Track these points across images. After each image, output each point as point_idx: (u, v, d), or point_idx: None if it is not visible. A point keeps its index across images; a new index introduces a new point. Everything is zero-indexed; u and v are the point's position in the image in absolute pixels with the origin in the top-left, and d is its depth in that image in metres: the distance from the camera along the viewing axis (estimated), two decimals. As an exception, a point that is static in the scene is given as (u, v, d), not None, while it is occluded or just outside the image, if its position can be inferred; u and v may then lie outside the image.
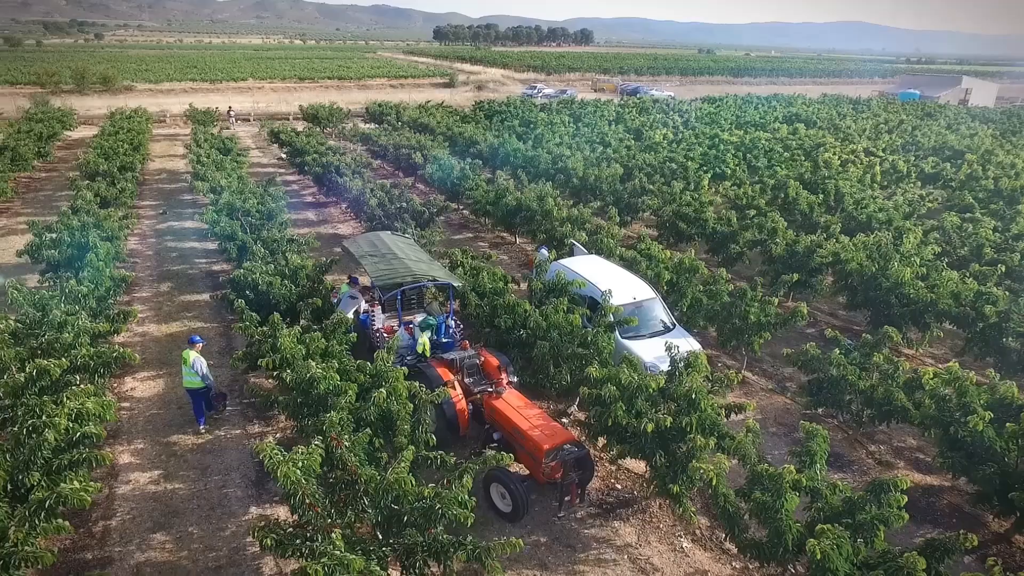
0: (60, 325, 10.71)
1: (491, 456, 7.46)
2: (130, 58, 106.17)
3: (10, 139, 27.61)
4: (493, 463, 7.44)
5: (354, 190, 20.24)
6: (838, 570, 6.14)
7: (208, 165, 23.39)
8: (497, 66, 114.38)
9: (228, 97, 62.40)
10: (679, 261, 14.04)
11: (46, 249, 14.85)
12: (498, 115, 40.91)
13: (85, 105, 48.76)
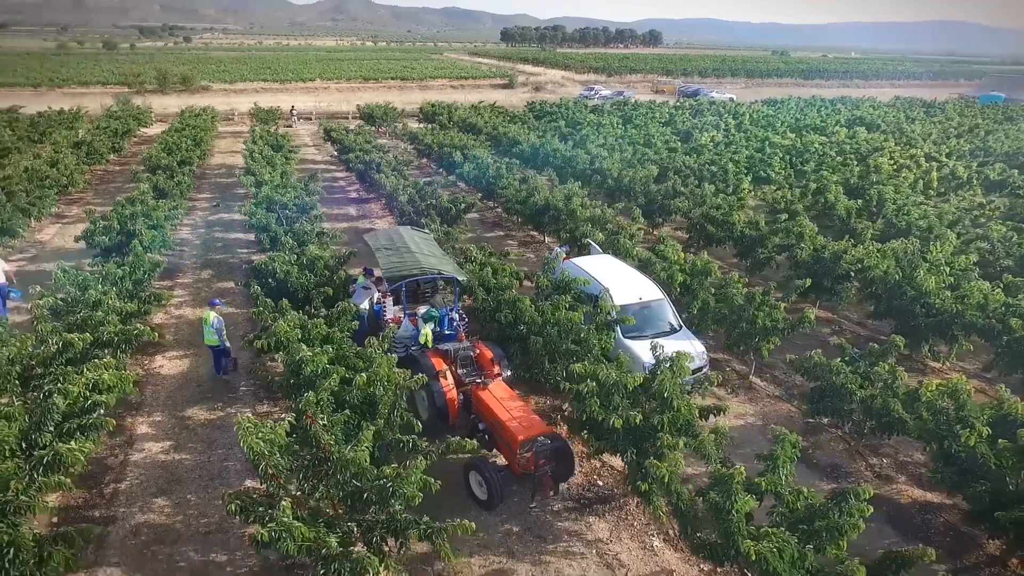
0: (95, 304, 11.66)
1: (455, 442, 7.73)
2: (211, 60, 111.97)
3: (88, 134, 29.79)
4: (462, 450, 7.70)
5: (388, 186, 20.87)
6: (780, 574, 6.07)
7: (259, 161, 24.59)
8: (559, 68, 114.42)
9: (295, 96, 65.10)
10: (692, 263, 13.88)
11: (98, 235, 16.08)
12: (548, 116, 41.10)
13: (164, 104, 51.89)
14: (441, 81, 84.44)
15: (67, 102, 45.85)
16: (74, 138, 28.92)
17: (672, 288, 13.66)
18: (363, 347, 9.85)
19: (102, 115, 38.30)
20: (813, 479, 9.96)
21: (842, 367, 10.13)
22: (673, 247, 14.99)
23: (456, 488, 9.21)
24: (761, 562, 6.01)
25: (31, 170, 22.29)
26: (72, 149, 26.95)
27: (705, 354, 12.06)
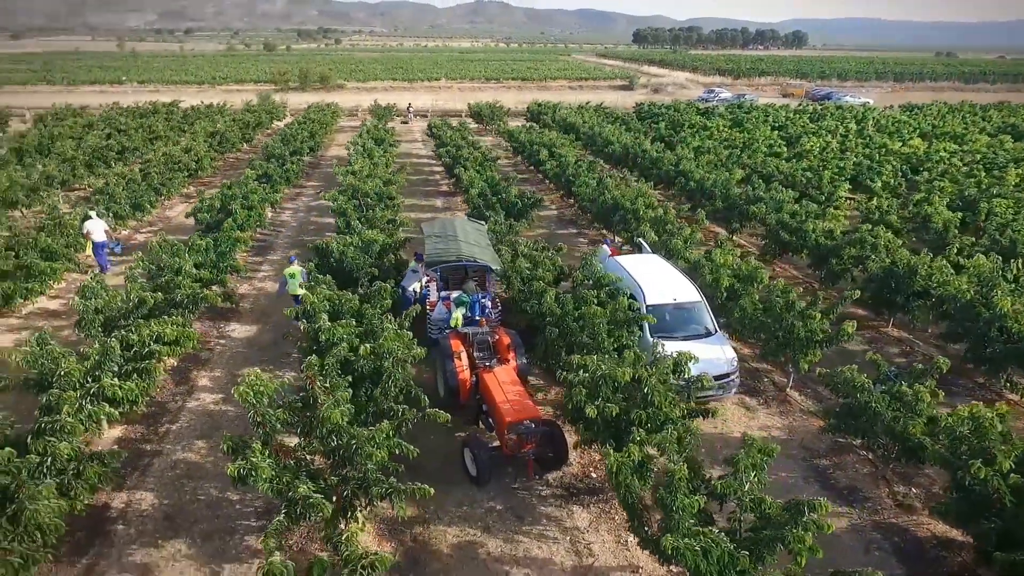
0: (177, 270, 13.35)
1: (431, 412, 8.22)
2: (352, 60, 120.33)
3: (222, 126, 33.36)
4: (436, 419, 8.18)
5: (464, 179, 21.71)
6: (704, 573, 5.97)
7: (358, 152, 26.41)
8: (685, 69, 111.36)
9: (419, 95, 68.62)
10: (739, 267, 13.39)
11: (202, 213, 18.20)
12: (653, 117, 40.44)
13: (303, 100, 56.61)
14: (560, 82, 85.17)
15: (220, 97, 51.40)
16: (211, 128, 32.47)
17: (718, 292, 13.27)
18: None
19: (241, 109, 42.54)
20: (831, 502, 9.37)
21: (867, 384, 9.45)
22: (727, 251, 14.50)
23: (458, 463, 9.72)
24: (678, 558, 5.95)
25: (167, 155, 25.44)
26: (207, 138, 30.33)
27: (735, 361, 11.64)
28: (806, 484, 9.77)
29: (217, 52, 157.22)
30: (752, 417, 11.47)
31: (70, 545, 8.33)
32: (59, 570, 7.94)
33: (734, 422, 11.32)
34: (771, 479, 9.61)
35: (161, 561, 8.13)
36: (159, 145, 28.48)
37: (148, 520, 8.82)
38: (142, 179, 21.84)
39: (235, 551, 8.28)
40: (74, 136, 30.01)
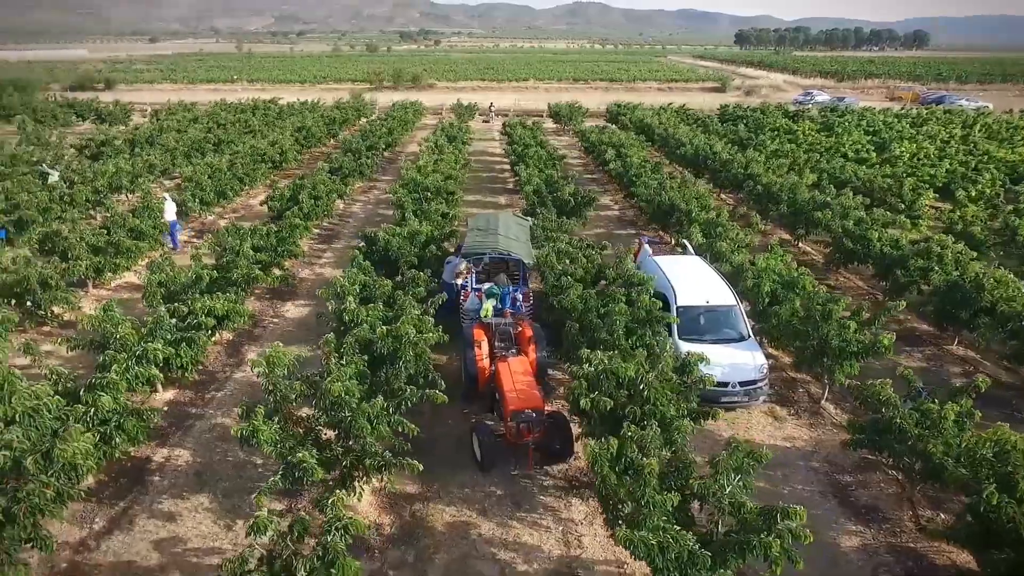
0: (237, 252, 14.42)
1: (430, 393, 8.55)
2: (446, 60, 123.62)
3: (310, 122, 35.34)
4: (433, 400, 8.52)
5: (522, 176, 21.98)
6: (660, 567, 5.94)
7: (428, 149, 27.28)
8: (785, 71, 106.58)
9: (505, 95, 69.57)
10: (781, 273, 12.89)
11: (273, 202, 19.48)
12: (737, 120, 39.17)
13: (393, 98, 58.85)
14: (649, 84, 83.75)
15: (318, 95, 54.26)
16: (298, 124, 34.49)
17: (760, 298, 12.83)
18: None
19: (331, 106, 44.80)
20: (838, 516, 8.97)
21: (893, 399, 8.90)
22: (773, 256, 13.98)
23: (469, 447, 10.03)
24: (632, 551, 5.94)
25: (254, 148, 27.30)
26: (293, 133, 32.24)
27: (765, 368, 11.25)
28: (822, 499, 9.34)
29: (323, 53, 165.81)
30: (779, 427, 11.05)
31: (113, 490, 9.32)
32: (99, 510, 8.89)
33: (758, 430, 10.95)
34: (786, 491, 9.41)
35: (185, 511, 8.91)
36: (247, 138, 30.51)
37: (180, 475, 9.67)
38: (227, 169, 23.53)
39: (249, 509, 8.89)
40: (179, 129, 32.74)
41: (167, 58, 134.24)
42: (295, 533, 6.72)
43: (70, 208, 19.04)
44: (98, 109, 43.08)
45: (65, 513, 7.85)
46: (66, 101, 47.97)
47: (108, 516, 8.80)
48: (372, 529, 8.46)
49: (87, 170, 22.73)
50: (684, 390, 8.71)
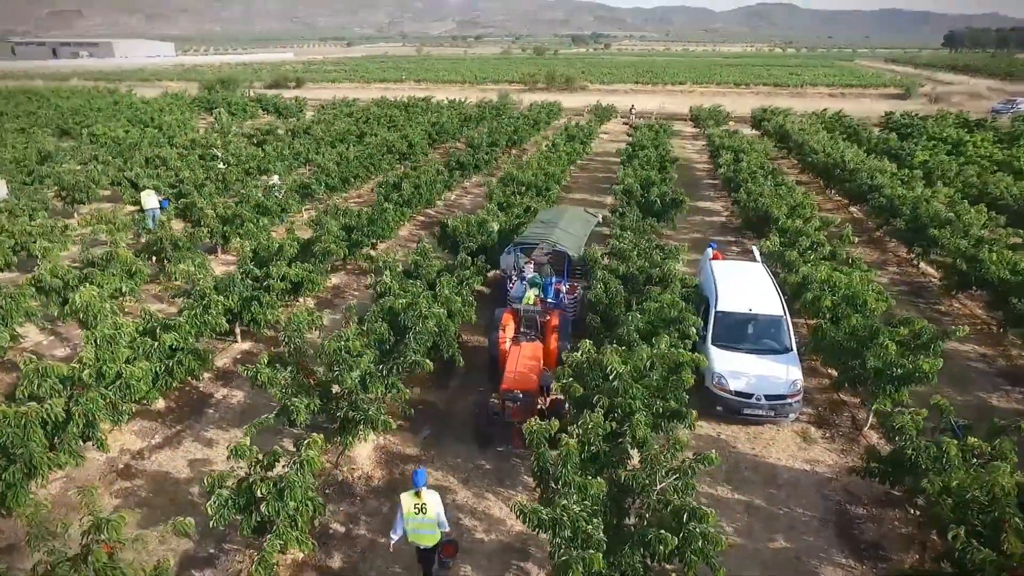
0: (325, 229, 16.11)
1: (421, 361, 9.20)
2: (611, 63, 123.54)
3: (443, 118, 37.54)
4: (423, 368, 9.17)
5: (619, 176, 21.87)
6: (554, 548, 6.08)
7: (544, 149, 27.95)
8: (995, 77, 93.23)
9: (657, 98, 68.38)
10: (841, 287, 11.85)
11: (380, 188, 21.28)
12: (899, 128, 35.46)
13: (540, 99, 60.36)
14: (819, 89, 77.58)
15: (475, 95, 57.15)
16: (433, 120, 36.81)
17: (819, 312, 11.92)
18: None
19: (473, 105, 47.04)
20: (830, 547, 8.28)
21: (911, 431, 8.01)
22: (852, 271, 12.85)
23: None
24: (525, 522, 6.12)
25: (385, 140, 29.72)
26: (427, 128, 34.52)
27: (798, 384, 10.51)
28: (820, 526, 8.65)
29: (492, 55, 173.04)
30: (804, 448, 10.29)
31: (175, 415, 11.07)
32: (159, 429, 10.63)
33: (780, 448, 10.29)
34: (781, 511, 8.93)
35: (222, 440, 10.37)
36: (383, 131, 33.15)
37: (229, 411, 11.22)
38: (354, 158, 25.92)
39: (276, 444, 10.18)
40: (330, 121, 36.42)
41: (354, 60, 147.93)
42: (265, 462, 7.73)
43: (220, 185, 22.24)
44: (277, 104, 48.96)
45: (124, 422, 9.58)
46: (255, 96, 55.00)
47: (164, 435, 10.51)
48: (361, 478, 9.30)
49: (242, 154, 26.25)
50: (667, 389, 8.50)
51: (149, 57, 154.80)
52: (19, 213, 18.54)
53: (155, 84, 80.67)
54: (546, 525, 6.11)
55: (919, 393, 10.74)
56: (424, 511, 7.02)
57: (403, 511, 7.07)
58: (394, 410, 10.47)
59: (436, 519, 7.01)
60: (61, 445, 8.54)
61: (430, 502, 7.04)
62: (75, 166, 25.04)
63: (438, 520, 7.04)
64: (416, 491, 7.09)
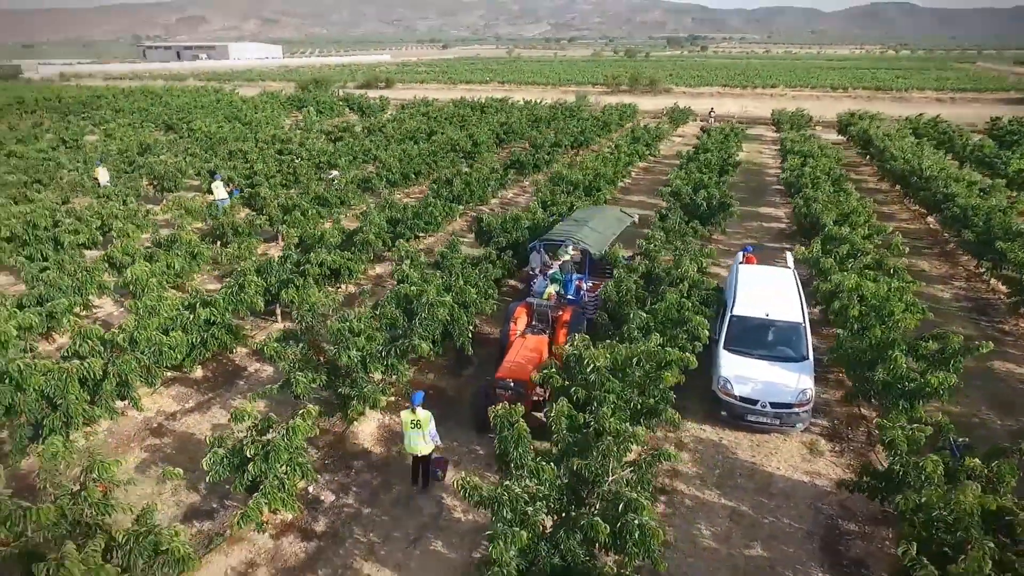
0: (368, 221, 16.92)
1: (417, 344, 9.60)
2: (703, 65, 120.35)
3: (512, 118, 38.07)
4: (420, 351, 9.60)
5: (670, 178, 21.53)
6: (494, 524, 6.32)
7: (602, 151, 27.89)
8: None
9: (744, 100, 66.21)
10: (869, 297, 11.28)
11: (433, 185, 21.99)
12: (1006, 135, 32.84)
13: (621, 100, 59.86)
14: (927, 93, 72.28)
15: (552, 96, 57.46)
16: (500, 120, 37.41)
17: (848, 322, 11.43)
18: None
19: (547, 106, 47.29)
20: (809, 559, 8.02)
21: (903, 447, 7.63)
22: (892, 280, 12.22)
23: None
24: (463, 493, 6.39)
25: (449, 138, 30.58)
26: (495, 128, 35.15)
27: (806, 394, 10.14)
28: (805, 539, 8.38)
29: (582, 58, 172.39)
30: (809, 460, 9.92)
31: (211, 383, 12.07)
32: (194, 395, 11.64)
33: (781, 458, 9.98)
34: (767, 520, 8.76)
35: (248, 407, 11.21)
36: (452, 130, 34.04)
37: (259, 383, 12.03)
38: (417, 155, 26.86)
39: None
40: (402, 120, 37.79)
41: (446, 62, 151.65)
42: (259, 426, 8.40)
43: (290, 178, 23.69)
44: (360, 103, 51.19)
45: (156, 385, 10.61)
46: (343, 96, 57.68)
47: (197, 400, 11.50)
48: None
49: (314, 149, 27.81)
50: (646, 385, 8.50)
51: (259, 59, 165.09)
52: (113, 198, 20.61)
53: (258, 84, 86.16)
54: (486, 503, 6.35)
55: (956, 414, 10.21)
56: (418, 426, 8.61)
57: (402, 425, 8.68)
58: (400, 391, 11.03)
59: (428, 433, 8.59)
60: (99, 400, 9.61)
61: (423, 419, 8.60)
62: (171, 157, 27.37)
63: (430, 434, 8.62)
64: (412, 408, 8.65)
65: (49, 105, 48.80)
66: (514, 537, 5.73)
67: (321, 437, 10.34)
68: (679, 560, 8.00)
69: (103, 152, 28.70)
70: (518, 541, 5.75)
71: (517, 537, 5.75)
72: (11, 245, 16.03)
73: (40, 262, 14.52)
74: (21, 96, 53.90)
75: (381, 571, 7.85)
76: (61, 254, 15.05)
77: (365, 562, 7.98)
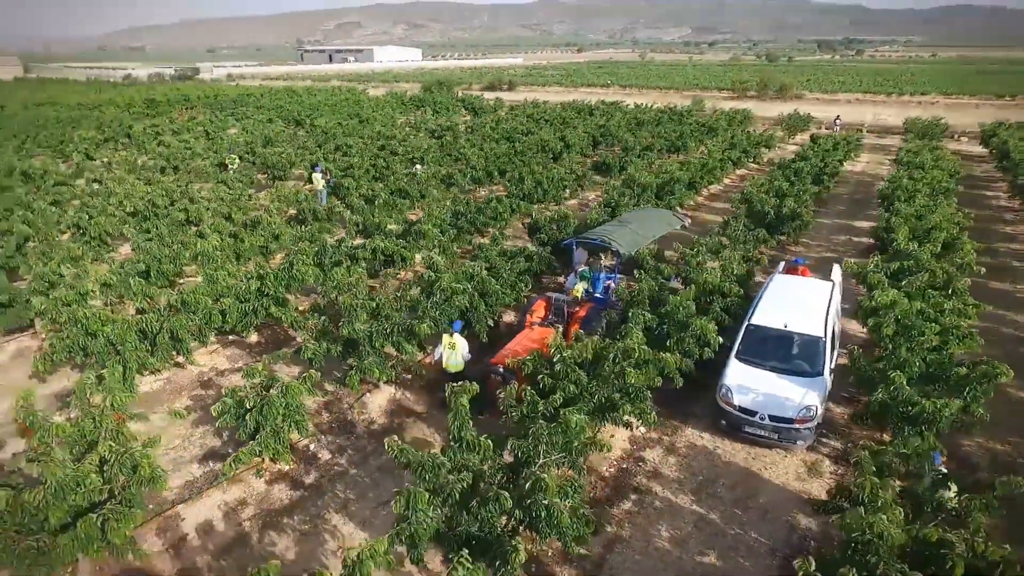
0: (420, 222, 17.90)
1: (417, 325, 10.28)
2: (852, 71, 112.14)
3: (612, 121, 37.89)
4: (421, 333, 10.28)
5: (748, 185, 20.68)
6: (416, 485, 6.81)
7: (693, 156, 27.22)
8: None
9: (887, 108, 61.21)
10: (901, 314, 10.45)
11: (510, 185, 22.67)
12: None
13: (744, 106, 57.48)
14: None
15: (676, 100, 56.43)
16: (600, 123, 37.41)
17: (883, 340, 10.70)
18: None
19: (655, 110, 46.48)
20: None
21: (867, 466, 7.19)
22: (893, 293, 11.29)
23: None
24: (395, 454, 6.91)
25: (540, 139, 31.16)
26: (592, 131, 35.28)
27: (811, 411, 9.64)
28: (766, 554, 8.10)
29: (718, 62, 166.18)
30: (803, 479, 9.45)
31: (262, 346, 13.46)
32: (243, 356, 13.08)
33: (775, 473, 9.59)
34: (732, 531, 8.57)
35: (283, 371, 12.48)
36: (547, 131, 34.54)
37: (300, 351, 13.35)
38: (502, 154, 27.68)
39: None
40: (499, 121, 38.94)
41: (574, 65, 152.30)
42: (264, 384, 9.45)
43: (386, 172, 25.38)
44: (474, 104, 53.10)
45: (206, 344, 12.12)
46: (461, 97, 60.04)
47: (245, 361, 12.88)
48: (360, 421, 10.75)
49: (411, 145, 29.52)
50: (611, 379, 8.58)
51: (399, 61, 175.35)
52: (230, 184, 23.25)
53: (391, 84, 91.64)
54: (412, 466, 6.86)
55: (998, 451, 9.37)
56: (454, 348, 10.45)
57: (442, 345, 10.47)
58: (408, 369, 11.81)
59: (461, 355, 10.42)
60: (155, 351, 11.19)
61: (459, 344, 10.45)
62: (285, 149, 30.20)
63: (463, 354, 10.44)
64: (451, 334, 10.50)
65: (207, 102, 55.11)
66: (415, 496, 6.20)
67: (337, 403, 11.35)
68: (626, 555, 8.05)
69: (232, 143, 32.21)
70: (420, 500, 6.20)
71: (419, 496, 6.21)
72: (134, 219, 18.68)
73: (147, 234, 16.81)
74: (187, 94, 61.33)
75: (346, 524, 8.59)
76: (165, 228, 17.31)
77: (335, 515, 8.76)
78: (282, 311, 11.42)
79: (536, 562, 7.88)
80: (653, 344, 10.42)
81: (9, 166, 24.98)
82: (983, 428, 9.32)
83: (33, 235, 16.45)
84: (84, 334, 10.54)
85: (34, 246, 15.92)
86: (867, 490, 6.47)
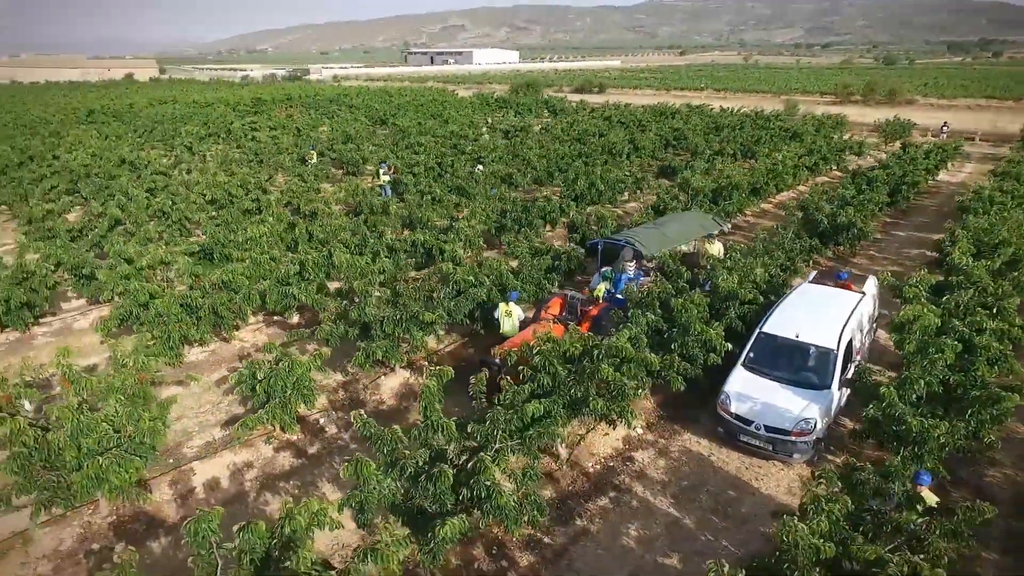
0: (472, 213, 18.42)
1: (424, 315, 10.76)
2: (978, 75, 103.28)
3: (686, 125, 37.08)
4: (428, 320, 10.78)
5: (810, 193, 19.76)
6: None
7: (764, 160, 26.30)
8: None
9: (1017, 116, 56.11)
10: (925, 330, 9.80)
11: (564, 184, 22.86)
12: None
13: (837, 111, 54.54)
14: None
15: (765, 104, 54.46)
16: (677, 125, 36.67)
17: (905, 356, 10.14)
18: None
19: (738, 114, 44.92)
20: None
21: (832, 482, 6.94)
22: (917, 308, 10.53)
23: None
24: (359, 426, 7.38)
25: (607, 141, 31.04)
26: (664, 134, 34.70)
27: (811, 424, 9.30)
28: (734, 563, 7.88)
29: (828, 65, 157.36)
30: (795, 494, 9.10)
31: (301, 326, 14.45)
32: (282, 335, 14.08)
33: (767, 484, 9.35)
34: (703, 538, 8.57)
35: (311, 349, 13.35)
36: (621, 132, 34.28)
37: (334, 334, 14.22)
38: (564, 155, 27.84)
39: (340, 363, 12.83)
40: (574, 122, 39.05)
41: (672, 68, 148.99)
42: (277, 358, 10.26)
43: (448, 169, 26.24)
44: (555, 106, 53.38)
45: (245, 322, 13.19)
46: (544, 98, 60.38)
47: (282, 340, 13.91)
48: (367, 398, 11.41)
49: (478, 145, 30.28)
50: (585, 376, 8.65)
51: (496, 63, 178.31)
52: (305, 178, 24.86)
53: (484, 85, 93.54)
54: (372, 438, 7.33)
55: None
56: (510, 315, 12.02)
57: (499, 312, 12.06)
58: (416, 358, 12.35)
59: (516, 321, 11.95)
60: (199, 325, 12.35)
61: (515, 311, 12.00)
62: (360, 146, 31.78)
63: (518, 317, 12.00)
64: (506, 301, 12.10)
65: (305, 101, 58.64)
66: (362, 464, 6.65)
67: (354, 384, 12.06)
68: (589, 549, 8.16)
69: (315, 140, 34.25)
70: (366, 469, 6.65)
71: (365, 465, 6.66)
72: (212, 207, 20.43)
73: (216, 221, 18.35)
74: (290, 94, 65.47)
75: (335, 493, 9.19)
76: (233, 216, 18.80)
77: (328, 484, 9.41)
78: (304, 292, 12.25)
79: (498, 545, 8.17)
80: (659, 347, 10.40)
81: (120, 157, 27.87)
82: (1007, 458, 8.66)
83: (124, 218, 18.38)
84: (136, 305, 11.81)
85: (123, 228, 17.81)
86: (807, 500, 6.27)
